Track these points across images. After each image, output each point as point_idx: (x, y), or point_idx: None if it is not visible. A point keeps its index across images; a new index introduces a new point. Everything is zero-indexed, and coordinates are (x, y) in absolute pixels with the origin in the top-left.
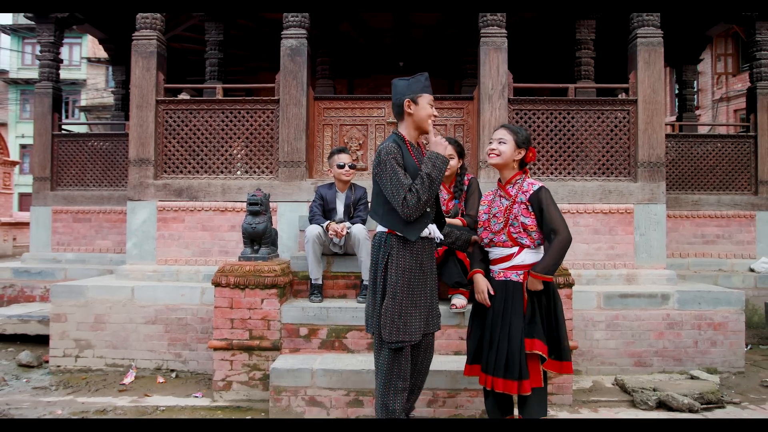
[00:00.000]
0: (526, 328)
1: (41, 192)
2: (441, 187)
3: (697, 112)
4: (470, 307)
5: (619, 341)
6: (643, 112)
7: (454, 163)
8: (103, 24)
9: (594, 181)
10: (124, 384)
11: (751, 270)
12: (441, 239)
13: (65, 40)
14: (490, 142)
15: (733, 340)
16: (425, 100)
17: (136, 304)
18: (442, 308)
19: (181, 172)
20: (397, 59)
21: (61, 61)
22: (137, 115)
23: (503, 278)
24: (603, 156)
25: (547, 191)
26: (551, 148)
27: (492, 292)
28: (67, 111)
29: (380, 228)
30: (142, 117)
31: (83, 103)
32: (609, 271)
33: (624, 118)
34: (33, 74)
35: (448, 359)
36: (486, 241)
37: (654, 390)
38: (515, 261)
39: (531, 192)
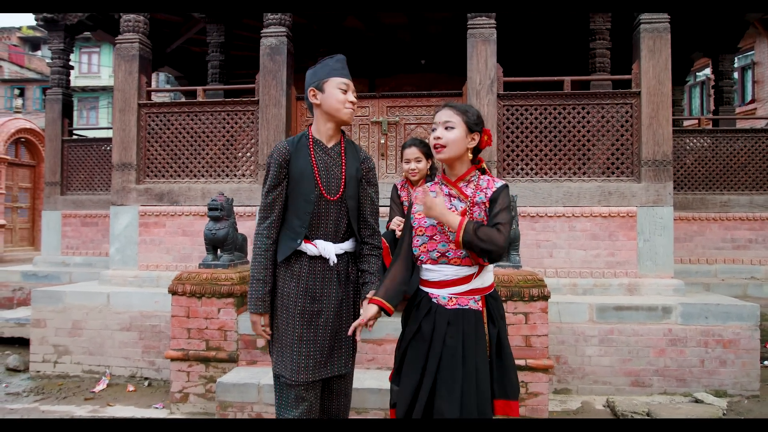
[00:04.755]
0: (495, 385)
1: (52, 196)
2: (410, 190)
3: (753, 106)
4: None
5: (614, 358)
6: (647, 105)
7: (422, 165)
8: (115, 30)
9: (592, 182)
10: (94, 392)
11: None
12: (334, 263)
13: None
14: (433, 129)
15: (745, 360)
16: (333, 84)
17: (111, 311)
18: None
19: (163, 176)
20: (417, 57)
21: (72, 67)
22: (120, 119)
23: (456, 306)
24: (603, 154)
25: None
26: (545, 146)
27: (369, 326)
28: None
29: None
30: (124, 121)
31: None
32: (608, 280)
33: (626, 112)
34: (83, 82)
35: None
36: (434, 255)
37: (648, 415)
38: (474, 284)
39: (494, 189)
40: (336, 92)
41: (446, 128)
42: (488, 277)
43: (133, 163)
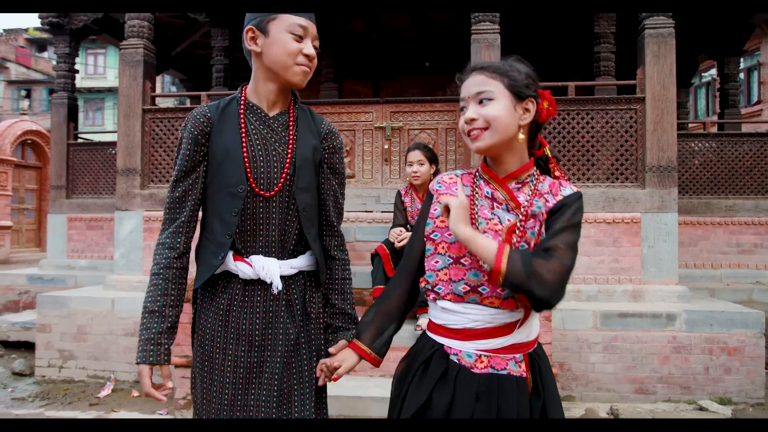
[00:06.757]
0: None
1: (57, 200)
2: (414, 195)
3: (759, 107)
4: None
5: (618, 365)
6: (651, 110)
7: (425, 169)
8: (120, 33)
9: (597, 188)
10: (98, 397)
11: None
12: (279, 288)
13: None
14: (462, 108)
15: (750, 367)
16: (283, 24)
17: (116, 316)
18: (407, 328)
19: (167, 181)
20: (422, 59)
21: (77, 71)
22: (124, 125)
23: (488, 370)
24: (607, 160)
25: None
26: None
27: (334, 377)
28: None
29: None
30: (129, 126)
31: None
32: (612, 287)
33: (631, 117)
34: (88, 83)
35: None
36: (459, 289)
37: None
38: (518, 336)
39: (561, 196)
40: (285, 38)
41: (480, 102)
42: (535, 325)
43: (138, 168)
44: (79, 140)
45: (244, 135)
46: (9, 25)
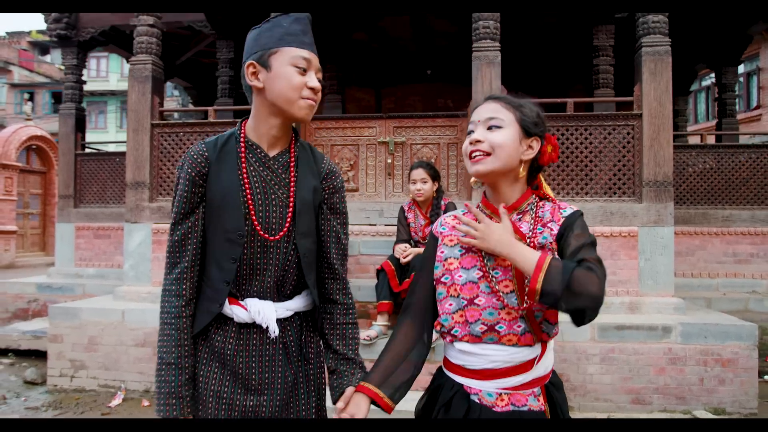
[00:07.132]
0: None
1: (65, 209)
2: (417, 211)
3: (758, 111)
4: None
5: (615, 376)
6: (648, 127)
7: (428, 186)
8: (126, 44)
9: (594, 202)
10: (110, 407)
11: None
12: (276, 333)
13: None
14: (470, 132)
15: (744, 379)
16: (286, 57)
17: (126, 327)
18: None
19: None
20: (423, 67)
21: (84, 82)
22: (133, 139)
23: (509, 407)
24: (605, 174)
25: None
26: (548, 167)
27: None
28: None
29: None
30: (137, 140)
31: None
32: (610, 299)
33: (628, 133)
34: (91, 86)
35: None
36: (476, 330)
37: None
38: (537, 371)
39: (563, 218)
40: (289, 71)
41: (490, 128)
42: (551, 357)
43: (146, 181)
44: (87, 150)
45: (246, 178)
46: (12, 28)
